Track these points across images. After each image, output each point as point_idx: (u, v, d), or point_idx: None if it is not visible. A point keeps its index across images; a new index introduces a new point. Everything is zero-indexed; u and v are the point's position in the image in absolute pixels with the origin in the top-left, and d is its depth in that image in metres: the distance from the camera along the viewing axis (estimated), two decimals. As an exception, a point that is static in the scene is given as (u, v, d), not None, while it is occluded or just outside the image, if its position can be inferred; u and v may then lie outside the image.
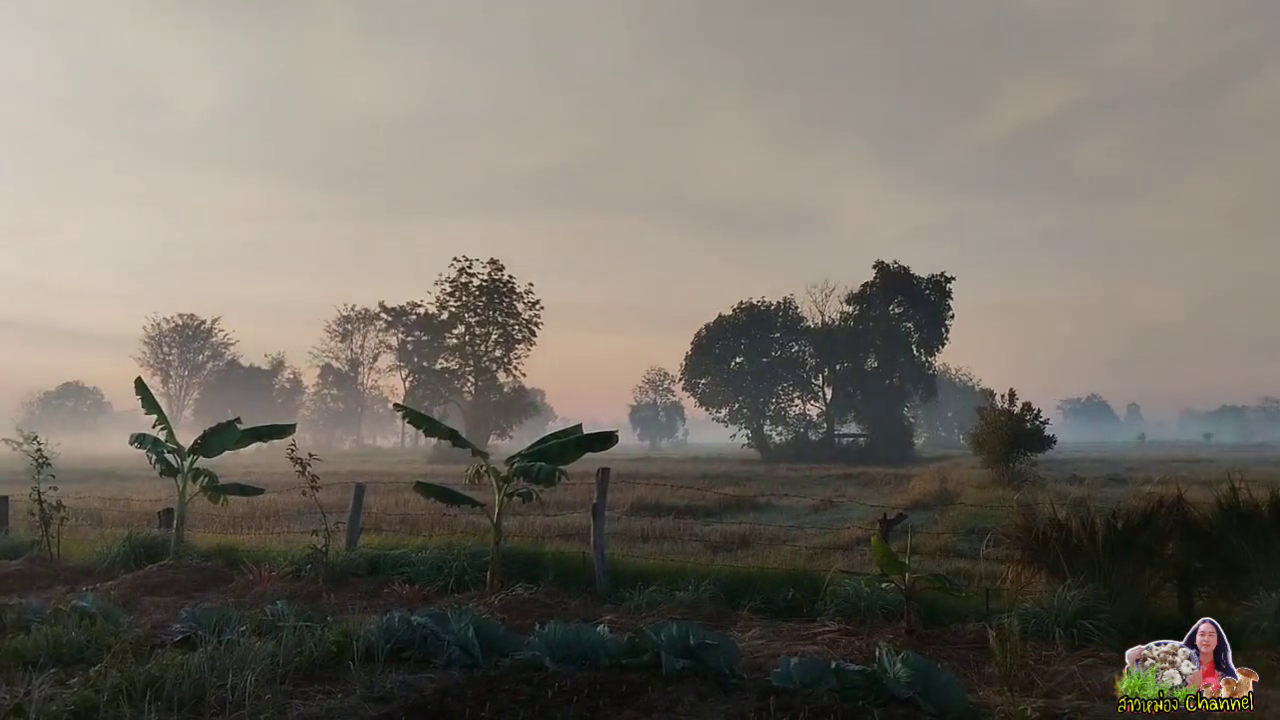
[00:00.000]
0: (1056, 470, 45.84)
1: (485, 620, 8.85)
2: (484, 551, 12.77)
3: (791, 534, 19.87)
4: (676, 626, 8.21)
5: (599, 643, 8.33)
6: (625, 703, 6.89)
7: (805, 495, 30.93)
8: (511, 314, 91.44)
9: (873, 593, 10.56)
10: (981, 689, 7.75)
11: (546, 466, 11.54)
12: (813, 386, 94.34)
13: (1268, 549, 9.50)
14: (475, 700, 6.82)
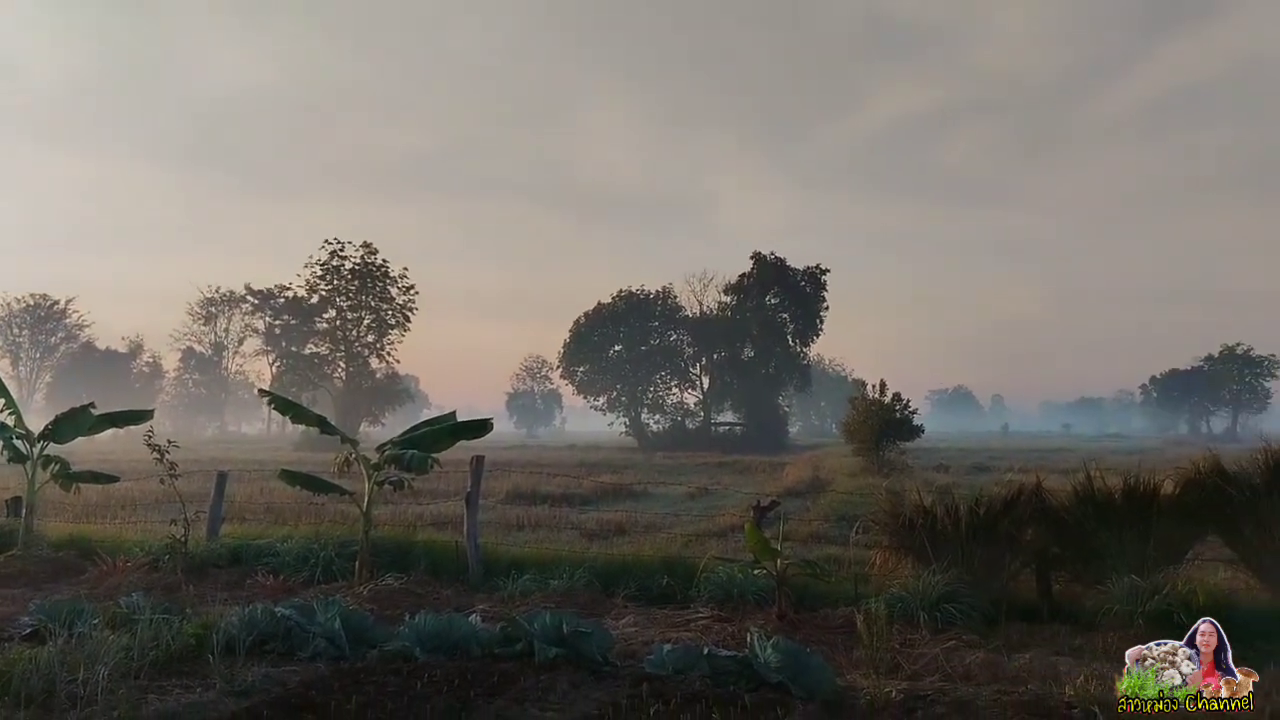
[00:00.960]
0: (924, 458, 47.18)
1: (353, 611, 8.63)
2: (353, 541, 12.46)
3: (668, 521, 19.94)
4: (550, 615, 8.13)
5: (471, 632, 8.20)
6: (497, 692, 6.79)
7: (682, 483, 31.14)
8: (385, 299, 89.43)
9: (746, 579, 10.65)
10: (850, 672, 7.87)
11: (419, 454, 11.29)
12: (690, 375, 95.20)
13: (1120, 535, 9.89)
14: (342, 692, 6.63)
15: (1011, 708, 6.50)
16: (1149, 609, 8.82)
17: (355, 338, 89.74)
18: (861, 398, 45.67)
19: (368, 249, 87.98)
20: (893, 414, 41.86)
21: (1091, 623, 9.24)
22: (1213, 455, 10.18)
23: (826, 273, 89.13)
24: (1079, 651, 8.42)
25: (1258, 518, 9.46)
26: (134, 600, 8.87)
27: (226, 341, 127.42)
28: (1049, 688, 7.15)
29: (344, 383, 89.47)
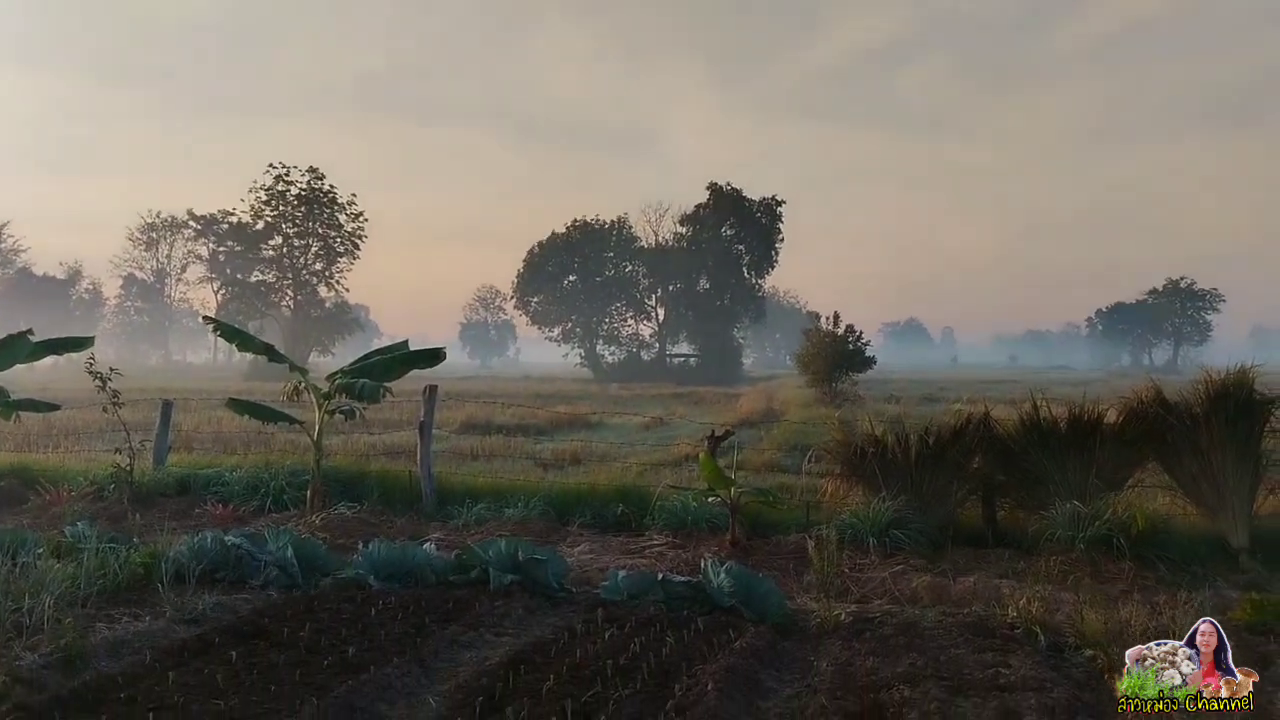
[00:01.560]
0: (876, 390, 47.76)
1: (305, 540, 8.63)
2: (304, 470, 12.39)
3: (623, 451, 20.04)
4: (504, 542, 8.18)
5: (425, 560, 8.23)
6: (452, 618, 6.84)
7: (637, 413, 31.25)
8: (333, 225, 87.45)
9: (700, 507, 10.77)
10: (800, 596, 8.04)
11: (370, 383, 11.19)
12: (646, 307, 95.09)
13: (1063, 462, 10.08)
14: (294, 620, 6.64)
15: (956, 628, 6.68)
16: (1089, 534, 9.05)
17: (303, 265, 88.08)
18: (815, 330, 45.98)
19: (314, 174, 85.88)
20: (846, 346, 42.23)
21: (1034, 547, 9.46)
22: (1155, 385, 10.37)
23: (782, 204, 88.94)
24: (1021, 575, 8.63)
25: (1196, 446, 9.67)
26: (79, 529, 8.79)
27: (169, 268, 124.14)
28: (992, 609, 7.35)
29: (292, 312, 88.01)
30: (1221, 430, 9.52)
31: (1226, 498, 9.46)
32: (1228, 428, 9.51)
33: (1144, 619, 6.40)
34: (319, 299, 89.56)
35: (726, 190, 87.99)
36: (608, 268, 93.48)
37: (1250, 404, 9.64)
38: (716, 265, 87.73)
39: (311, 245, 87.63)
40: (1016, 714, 4.91)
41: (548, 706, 4.89)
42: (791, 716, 5.13)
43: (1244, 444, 9.54)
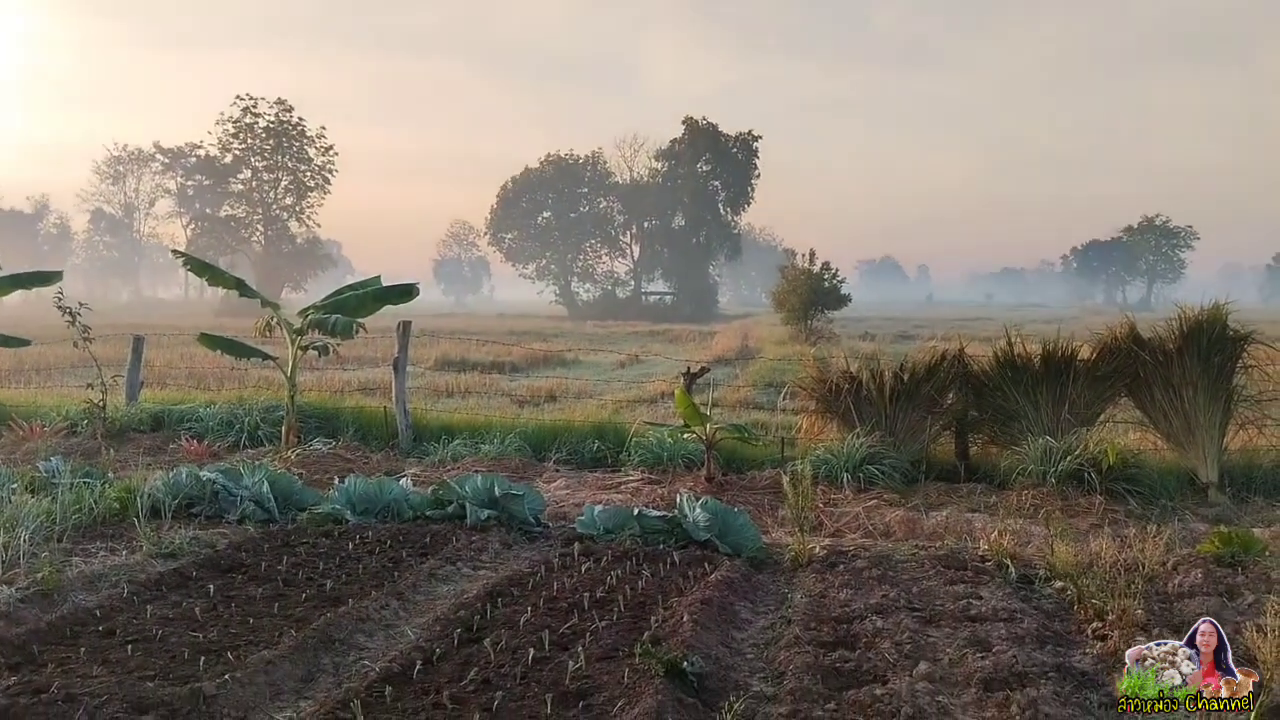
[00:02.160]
0: (851, 327, 47.94)
1: (281, 474, 8.62)
2: (278, 407, 12.36)
3: (598, 389, 20.09)
4: (481, 478, 8.20)
5: (402, 495, 8.25)
6: (429, 552, 6.87)
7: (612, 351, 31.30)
8: (303, 159, 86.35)
9: (675, 443, 10.81)
10: (775, 530, 8.12)
11: (343, 319, 11.10)
12: (621, 243, 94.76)
13: (1036, 399, 10.17)
14: (272, 554, 6.66)
15: (928, 561, 6.77)
16: (1061, 469, 9.15)
17: (273, 200, 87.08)
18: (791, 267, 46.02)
19: (282, 106, 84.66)
20: (821, 284, 42.29)
21: (1006, 482, 9.59)
22: (1129, 322, 10.44)
23: (759, 140, 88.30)
24: (993, 509, 8.75)
25: (1168, 382, 9.77)
26: (53, 465, 8.75)
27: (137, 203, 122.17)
28: (964, 543, 7.46)
29: (263, 247, 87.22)
30: (1194, 366, 9.61)
31: (1197, 433, 9.59)
32: (1200, 364, 9.60)
33: (1113, 552, 6.51)
34: (290, 234, 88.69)
35: (703, 125, 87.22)
36: (582, 204, 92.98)
37: (1223, 340, 9.72)
38: (692, 202, 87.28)
39: (281, 179, 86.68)
40: (986, 643, 4.99)
41: (525, 637, 4.92)
42: (766, 647, 5.20)
43: (1215, 380, 9.64)
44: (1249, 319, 10.52)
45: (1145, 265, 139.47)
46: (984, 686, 4.45)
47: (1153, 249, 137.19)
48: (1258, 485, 9.62)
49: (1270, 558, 6.83)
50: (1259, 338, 9.98)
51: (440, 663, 4.64)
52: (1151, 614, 5.52)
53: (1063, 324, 15.02)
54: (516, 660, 4.63)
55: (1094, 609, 5.56)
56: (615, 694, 4.24)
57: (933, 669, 4.64)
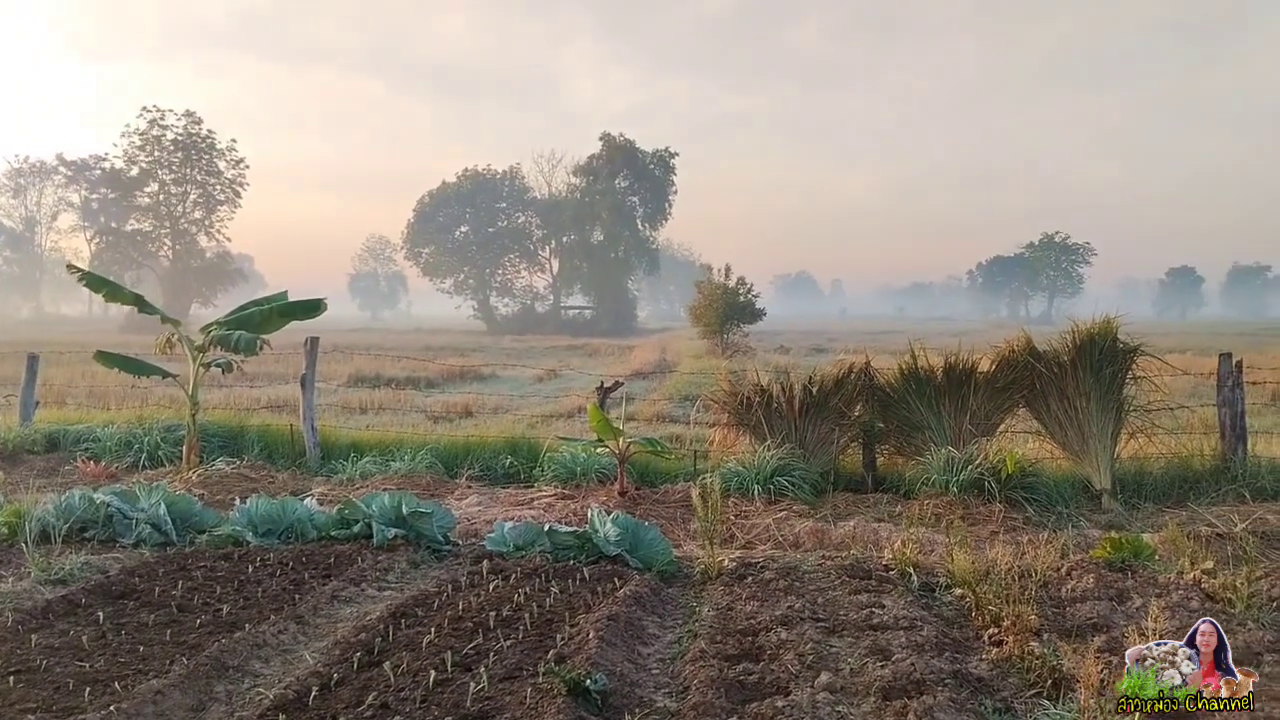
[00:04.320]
0: (767, 341, 48.47)
1: (180, 496, 8.40)
2: (180, 425, 12.06)
3: (515, 404, 20.01)
4: (388, 496, 8.09)
5: (306, 515, 8.10)
6: (332, 574, 6.75)
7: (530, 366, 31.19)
8: (212, 172, 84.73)
9: (589, 458, 10.80)
10: (687, 543, 8.15)
11: (247, 335, 10.87)
12: (539, 258, 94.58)
13: (938, 410, 10.40)
14: (167, 578, 6.48)
15: (835, 571, 6.85)
16: (963, 478, 9.37)
17: (181, 213, 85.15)
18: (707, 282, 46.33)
19: (191, 118, 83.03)
20: (736, 298, 42.68)
21: (911, 491, 9.77)
22: (1025, 335, 10.72)
23: (675, 156, 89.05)
24: (898, 518, 8.90)
25: (1063, 392, 10.06)
26: (-61, 488, 8.44)
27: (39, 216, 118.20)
28: (870, 552, 7.57)
29: (171, 262, 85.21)
30: (1086, 377, 9.91)
31: (1090, 442, 9.87)
32: (1092, 375, 9.90)
33: (1010, 558, 6.67)
34: (199, 249, 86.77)
35: (619, 141, 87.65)
36: (500, 218, 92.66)
37: (1113, 352, 10.04)
38: (610, 217, 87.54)
39: (190, 192, 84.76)
40: (887, 652, 5.06)
41: (427, 659, 4.86)
42: (672, 661, 5.21)
43: (1107, 391, 9.95)
44: (1142, 332, 10.86)
45: (1046, 280, 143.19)
46: (883, 695, 4.51)
47: (1053, 264, 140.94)
48: (1148, 491, 9.93)
49: (1159, 562, 7.07)
50: (1148, 350, 10.32)
51: (338, 688, 4.56)
52: (1045, 619, 5.66)
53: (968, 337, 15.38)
54: (417, 683, 4.57)
55: (991, 615, 5.67)
56: (517, 715, 4.20)
57: (834, 679, 4.69)
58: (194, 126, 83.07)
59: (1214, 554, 7.12)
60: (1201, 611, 5.76)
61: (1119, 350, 10.08)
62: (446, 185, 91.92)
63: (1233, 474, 9.92)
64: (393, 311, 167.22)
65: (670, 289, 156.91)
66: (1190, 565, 6.75)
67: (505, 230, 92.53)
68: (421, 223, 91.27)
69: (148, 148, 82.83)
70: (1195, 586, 6.34)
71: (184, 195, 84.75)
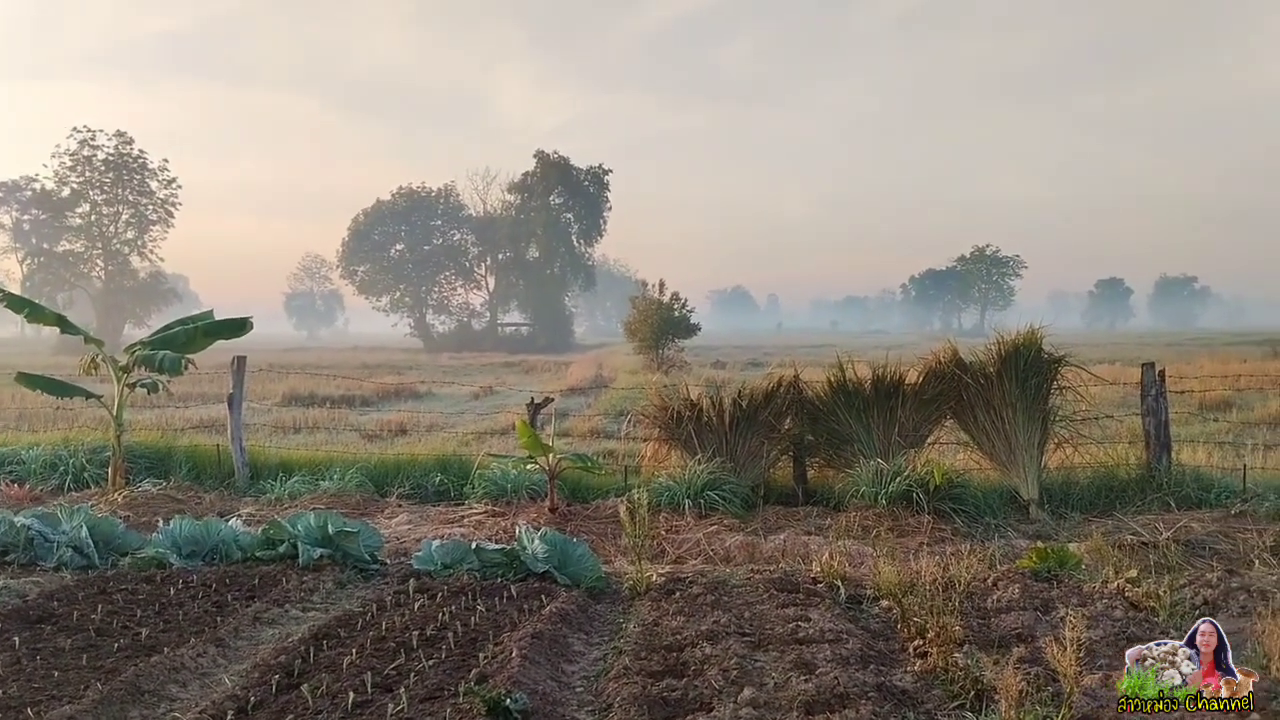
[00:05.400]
0: (703, 355, 48.63)
1: (104, 518, 8.22)
2: (106, 447, 11.80)
3: (451, 421, 19.86)
4: (315, 516, 7.98)
5: (231, 536, 7.97)
6: (256, 595, 6.64)
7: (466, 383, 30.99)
8: (144, 192, 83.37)
9: (520, 475, 10.75)
10: (617, 559, 8.13)
11: (172, 355, 10.68)
12: (475, 275, 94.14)
13: (868, 422, 10.50)
14: (87, 602, 6.33)
15: (763, 585, 6.87)
16: (891, 490, 9.46)
17: (113, 234, 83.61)
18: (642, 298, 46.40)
19: (122, 138, 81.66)
20: (671, 313, 42.79)
21: (840, 504, 9.84)
22: (951, 346, 10.85)
23: (609, 173, 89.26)
24: (827, 531, 8.97)
25: (989, 403, 10.21)
26: None
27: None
28: (799, 565, 7.62)
29: (103, 282, 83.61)
30: (1012, 388, 10.06)
31: (1017, 452, 10.03)
32: (1018, 386, 10.06)
33: (936, 570, 6.74)
34: (132, 269, 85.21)
35: (554, 159, 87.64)
36: (435, 236, 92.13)
37: (1039, 362, 10.21)
38: (546, 233, 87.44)
39: (122, 213, 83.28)
40: (812, 665, 5.08)
41: (347, 680, 4.78)
42: (596, 678, 5.18)
43: (1033, 401, 10.12)
44: (1072, 343, 11.07)
45: (978, 293, 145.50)
46: (806, 710, 4.52)
47: (984, 277, 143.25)
48: (1075, 501, 10.10)
49: (1085, 571, 7.19)
50: (1073, 360, 10.51)
51: (255, 711, 4.47)
52: (970, 630, 5.71)
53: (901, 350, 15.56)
54: (336, 705, 4.50)
55: (916, 627, 5.72)
56: (437, 734, 4.16)
57: (757, 694, 4.69)
58: (125, 147, 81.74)
59: (1139, 563, 7.28)
60: (1125, 620, 5.87)
61: (1044, 361, 10.25)
62: (381, 203, 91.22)
63: (1158, 483, 10.10)
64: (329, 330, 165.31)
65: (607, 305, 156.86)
66: (1115, 574, 6.88)
67: (441, 248, 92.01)
68: (356, 241, 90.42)
69: (79, 168, 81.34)
70: (1119, 595, 6.46)
71: (116, 215, 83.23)
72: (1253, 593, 6.35)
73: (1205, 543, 8.21)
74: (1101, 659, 5.17)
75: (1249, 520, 8.96)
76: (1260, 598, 6.21)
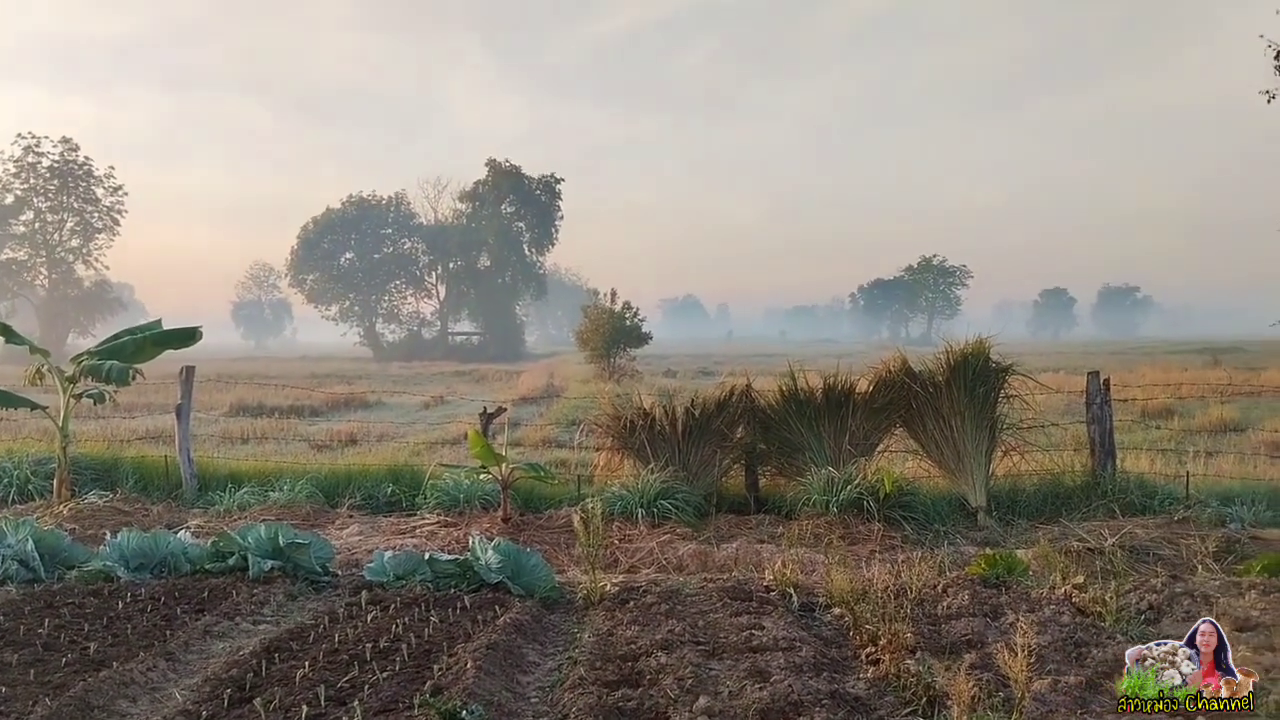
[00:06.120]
0: (655, 365, 48.76)
1: (49, 531, 8.09)
2: (52, 459, 11.60)
3: (401, 431, 19.77)
4: (265, 527, 7.90)
5: (179, 549, 7.87)
6: (206, 608, 6.56)
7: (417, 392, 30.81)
8: (90, 200, 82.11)
9: (472, 485, 10.72)
10: (571, 569, 8.14)
11: (119, 366, 10.53)
12: (426, 284, 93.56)
13: (818, 431, 10.62)
14: (33, 616, 6.23)
15: (716, 594, 6.91)
16: (842, 498, 9.56)
17: (58, 242, 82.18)
18: (594, 307, 46.39)
19: (68, 145, 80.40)
20: (623, 322, 42.82)
21: (792, 512, 9.93)
22: (901, 355, 11.01)
23: (561, 181, 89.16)
24: (779, 539, 9.04)
25: (938, 411, 10.36)
26: None
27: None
28: (751, 574, 7.67)
29: (47, 291, 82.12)
30: (961, 397, 10.22)
31: (965, 460, 10.18)
32: (966, 394, 10.22)
33: (887, 577, 6.83)
34: (76, 278, 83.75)
35: (506, 167, 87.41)
36: (386, 244, 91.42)
37: (987, 371, 10.39)
38: (497, 242, 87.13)
39: (67, 220, 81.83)
40: (766, 673, 5.12)
41: (300, 694, 4.75)
42: (551, 689, 5.19)
43: (981, 409, 10.28)
44: (1017, 352, 11.26)
45: (925, 302, 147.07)
46: (761, 718, 4.56)
47: (931, 287, 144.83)
48: (1021, 508, 10.27)
49: (1032, 577, 7.31)
50: (1020, 369, 10.70)
51: (207, 725, 4.44)
52: (921, 636, 5.78)
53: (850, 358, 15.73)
54: (289, 719, 4.47)
55: (868, 634, 5.78)
56: (393, 746, 4.15)
57: (712, 703, 4.72)
58: (71, 153, 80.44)
59: (1085, 569, 7.40)
60: (1073, 626, 5.98)
61: (992, 370, 10.42)
62: (331, 211, 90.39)
63: (1103, 489, 10.30)
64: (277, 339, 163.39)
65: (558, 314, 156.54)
66: (1062, 580, 7.00)
67: (391, 256, 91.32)
68: (306, 249, 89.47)
69: (23, 175, 79.83)
70: (1067, 601, 6.57)
71: (60, 223, 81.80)
72: (1196, 597, 6.49)
73: (1149, 548, 8.40)
74: (1050, 664, 5.26)
75: (1192, 526, 9.18)
76: (1204, 602, 6.35)
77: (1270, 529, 9.21)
